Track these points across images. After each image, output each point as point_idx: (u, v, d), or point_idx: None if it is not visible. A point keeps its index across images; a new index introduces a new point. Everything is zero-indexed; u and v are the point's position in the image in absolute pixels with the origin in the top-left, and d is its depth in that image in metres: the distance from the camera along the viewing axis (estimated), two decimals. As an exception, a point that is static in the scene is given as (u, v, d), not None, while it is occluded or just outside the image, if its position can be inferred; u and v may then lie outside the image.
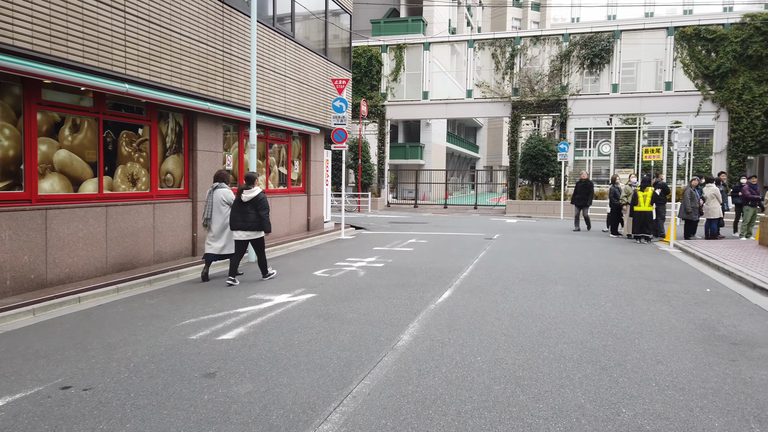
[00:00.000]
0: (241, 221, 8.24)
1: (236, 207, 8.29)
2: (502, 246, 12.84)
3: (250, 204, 8.23)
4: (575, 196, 16.88)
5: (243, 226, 8.25)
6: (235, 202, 8.34)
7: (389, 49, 28.61)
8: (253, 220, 8.25)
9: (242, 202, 8.23)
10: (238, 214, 8.26)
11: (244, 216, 8.23)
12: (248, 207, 8.23)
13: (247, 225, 8.25)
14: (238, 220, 8.26)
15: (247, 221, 8.23)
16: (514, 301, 7.06)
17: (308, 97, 13.92)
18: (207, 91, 9.91)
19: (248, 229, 8.29)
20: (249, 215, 8.23)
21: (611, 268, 9.87)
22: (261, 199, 8.28)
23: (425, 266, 9.84)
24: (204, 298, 7.25)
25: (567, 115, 25.67)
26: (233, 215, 8.31)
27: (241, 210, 8.24)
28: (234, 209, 8.32)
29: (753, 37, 23.06)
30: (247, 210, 8.23)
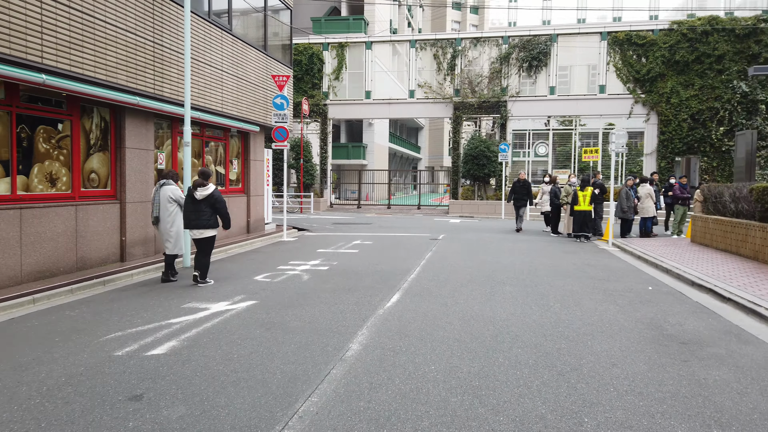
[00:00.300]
0: (195, 220, 7.93)
1: (189, 206, 7.95)
2: (447, 247, 12.72)
3: (204, 202, 7.91)
4: (514, 196, 16.82)
5: (197, 224, 7.94)
6: (188, 201, 7.99)
7: (331, 47, 28.17)
8: (207, 218, 7.95)
9: (196, 200, 7.89)
10: (192, 213, 7.93)
11: (198, 214, 7.92)
12: (202, 205, 7.91)
13: (202, 223, 7.94)
14: (192, 219, 7.94)
15: (200, 219, 7.93)
16: (464, 304, 6.87)
17: (247, 93, 13.34)
18: (136, 84, 9.22)
19: (202, 227, 7.98)
20: (203, 213, 7.93)
21: (556, 268, 9.90)
22: (218, 196, 7.97)
23: (372, 269, 9.54)
24: (132, 308, 6.65)
25: (507, 117, 26.08)
26: (187, 214, 7.98)
27: (196, 208, 7.92)
28: (188, 208, 7.97)
29: (680, 43, 24.17)
30: (202, 208, 7.92)
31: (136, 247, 9.69)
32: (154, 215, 8.37)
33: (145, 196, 9.89)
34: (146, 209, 9.94)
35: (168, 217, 8.35)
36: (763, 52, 23.28)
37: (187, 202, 8.04)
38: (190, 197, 7.98)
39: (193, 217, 7.97)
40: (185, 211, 8.06)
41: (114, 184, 9.36)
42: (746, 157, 12.98)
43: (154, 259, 9.74)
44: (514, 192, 16.81)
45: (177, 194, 8.39)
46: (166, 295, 7.36)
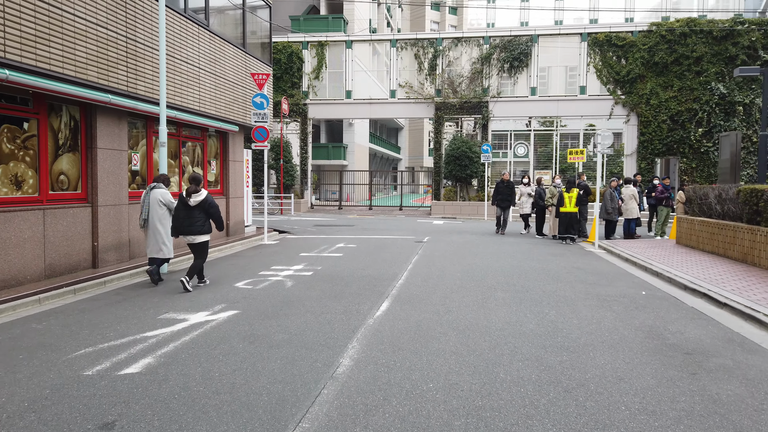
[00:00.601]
0: (189, 226, 7.86)
1: (182, 212, 7.88)
2: (433, 249, 12.45)
3: (198, 208, 7.87)
4: (498, 197, 16.32)
5: (190, 230, 7.87)
6: (180, 207, 7.91)
7: (310, 45, 27.74)
8: (201, 224, 7.91)
9: (189, 206, 7.84)
10: (185, 219, 7.86)
11: (191, 221, 7.86)
12: (196, 211, 7.88)
13: (195, 229, 7.89)
14: (185, 225, 7.87)
15: (194, 225, 7.87)
16: (457, 312, 6.59)
17: (226, 92, 12.89)
18: (108, 81, 8.75)
19: (196, 233, 7.92)
20: (197, 219, 7.88)
21: (545, 272, 9.69)
22: (210, 201, 7.94)
23: (358, 274, 9.21)
24: (105, 319, 6.22)
25: (488, 117, 25.96)
26: (179, 220, 7.89)
27: (189, 215, 7.86)
28: (180, 214, 7.90)
29: (659, 45, 24.32)
30: (195, 214, 7.88)
31: (109, 252, 9.21)
32: (143, 218, 8.25)
33: (118, 199, 9.41)
34: (119, 213, 9.46)
35: (158, 221, 8.20)
36: (740, 53, 23.54)
37: (179, 208, 7.92)
38: (182, 204, 7.86)
39: (186, 224, 7.86)
40: (177, 217, 7.92)
41: (85, 187, 8.87)
42: (731, 159, 12.96)
43: (128, 265, 9.27)
44: (498, 193, 16.28)
45: (167, 198, 8.27)
46: (141, 305, 6.93)
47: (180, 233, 7.97)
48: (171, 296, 7.46)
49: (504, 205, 16.32)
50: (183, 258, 10.61)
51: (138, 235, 10.05)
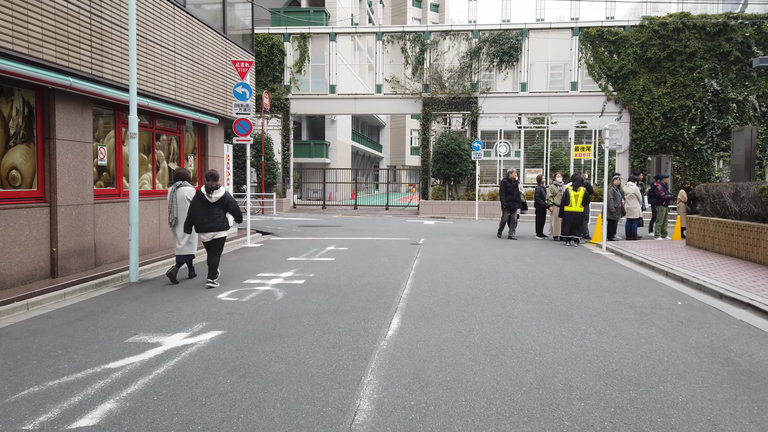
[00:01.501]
0: (209, 222, 7.79)
1: (201, 208, 7.78)
2: (432, 253, 11.49)
3: (218, 204, 7.81)
4: (507, 198, 14.32)
5: (211, 227, 7.82)
6: (198, 204, 7.79)
7: (292, 38, 26.56)
8: (221, 220, 7.89)
9: (208, 203, 7.76)
10: (205, 216, 7.78)
11: (211, 217, 7.80)
12: (216, 207, 7.82)
13: (216, 225, 7.84)
14: (205, 222, 7.79)
15: (215, 222, 7.82)
16: (482, 331, 5.63)
17: (204, 80, 11.75)
18: (69, 62, 7.58)
19: (216, 230, 7.88)
20: (217, 215, 7.84)
21: (561, 278, 8.80)
22: (229, 196, 7.90)
23: (356, 282, 8.20)
24: (61, 344, 5.11)
25: (477, 113, 25.12)
26: (199, 217, 7.78)
27: (208, 211, 7.79)
28: (199, 211, 7.79)
29: (651, 40, 23.74)
30: (215, 210, 7.82)
31: (71, 259, 8.05)
32: (174, 216, 8.24)
33: (81, 198, 8.25)
34: (83, 214, 8.30)
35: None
36: (733, 49, 23.07)
37: (197, 205, 7.80)
38: (200, 201, 7.78)
39: (206, 221, 7.79)
40: (195, 214, 7.80)
41: (42, 184, 7.69)
42: (745, 155, 12.28)
43: (93, 273, 8.11)
44: (507, 193, 14.34)
45: (190, 196, 8.22)
46: (106, 323, 5.82)
47: (199, 230, 7.86)
48: (142, 311, 6.36)
49: (514, 206, 14.59)
50: (156, 264, 9.48)
51: (106, 239, 8.90)
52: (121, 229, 9.27)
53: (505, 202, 14.33)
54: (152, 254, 10.10)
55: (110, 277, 8.26)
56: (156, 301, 6.94)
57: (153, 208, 10.31)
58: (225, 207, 7.90)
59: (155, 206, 10.38)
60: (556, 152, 25.92)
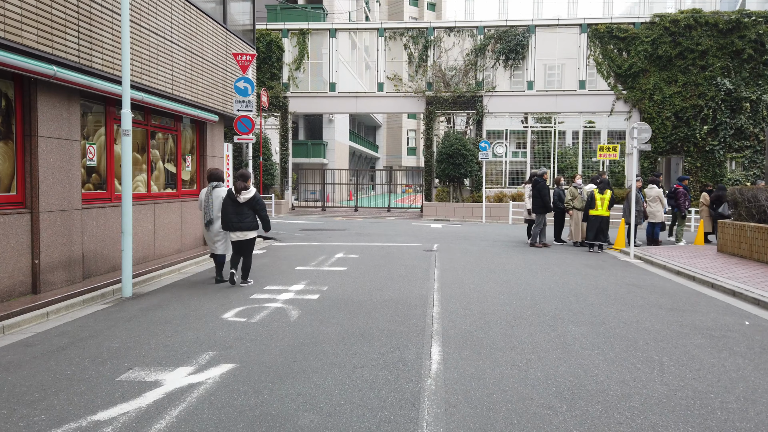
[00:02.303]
0: (238, 222, 7.91)
1: (231, 208, 7.91)
2: (450, 261, 10.63)
3: (246, 204, 7.89)
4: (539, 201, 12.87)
5: (240, 227, 7.93)
6: (229, 203, 7.93)
7: (291, 34, 25.65)
8: (250, 221, 7.96)
9: (238, 203, 7.88)
10: (234, 216, 7.91)
11: (240, 217, 7.90)
12: (245, 207, 7.90)
13: (245, 225, 7.94)
14: (234, 221, 7.92)
15: (243, 222, 7.92)
16: (540, 362, 4.77)
17: (203, 74, 10.83)
18: (52, 48, 6.66)
19: (245, 230, 7.97)
20: (246, 216, 7.92)
21: (602, 291, 7.97)
22: (258, 199, 7.98)
23: (376, 297, 7.32)
24: (38, 383, 4.21)
25: (483, 112, 24.31)
26: (228, 217, 7.93)
27: (238, 211, 7.90)
28: (229, 210, 7.92)
29: (662, 38, 23.02)
30: (244, 210, 7.91)
31: (55, 272, 7.12)
32: (209, 217, 8.29)
33: (68, 203, 7.32)
34: (69, 220, 7.37)
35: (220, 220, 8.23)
36: (746, 47, 22.39)
37: (227, 204, 7.95)
38: (231, 200, 7.91)
39: (235, 220, 7.90)
40: (226, 213, 7.95)
41: (22, 187, 6.76)
42: (782, 156, 11.48)
43: (81, 288, 7.19)
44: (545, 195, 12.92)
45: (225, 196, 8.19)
46: (94, 353, 4.92)
47: (228, 228, 7.97)
48: (137, 336, 5.45)
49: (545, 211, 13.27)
50: (152, 275, 8.57)
51: (96, 248, 7.97)
52: (113, 237, 8.35)
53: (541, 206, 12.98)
54: (147, 264, 9.18)
55: (100, 292, 7.34)
56: (153, 322, 6.04)
57: (148, 213, 9.39)
58: (253, 208, 7.94)
59: (150, 211, 9.46)
60: (564, 153, 25.15)
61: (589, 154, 24.97)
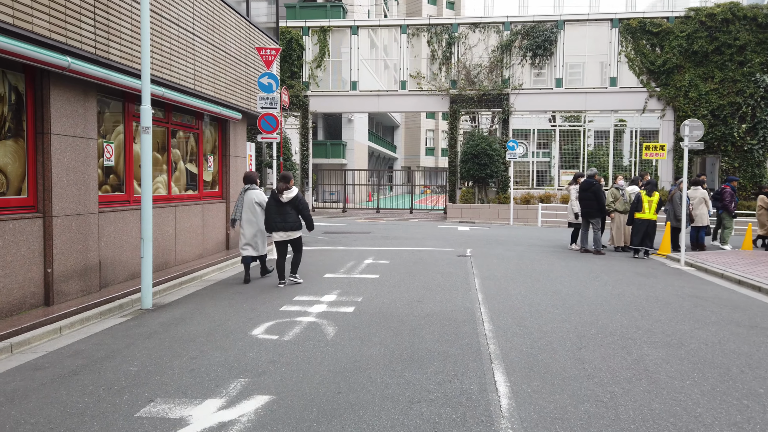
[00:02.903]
0: (282, 222, 7.98)
1: (274, 208, 7.99)
2: (489, 268, 9.92)
3: (289, 204, 7.97)
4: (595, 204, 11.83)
5: (284, 227, 7.99)
6: (272, 203, 8.01)
7: (312, 31, 25.09)
8: (294, 220, 8.03)
9: (282, 202, 7.95)
10: (278, 216, 7.97)
11: (284, 217, 7.97)
12: (288, 207, 7.97)
13: (288, 225, 8.00)
14: (277, 221, 7.98)
15: (287, 222, 7.99)
16: (629, 399, 4.06)
17: (226, 69, 10.26)
18: (66, 38, 6.10)
19: (289, 230, 8.03)
20: (289, 216, 7.99)
21: (663, 304, 7.22)
22: (301, 198, 8.08)
23: (417, 310, 6.65)
24: (45, 419, 3.60)
25: (509, 111, 23.51)
26: (272, 217, 8.00)
27: (281, 211, 7.97)
28: (272, 211, 8.00)
29: (698, 32, 22.04)
30: (287, 210, 7.98)
31: (70, 281, 6.56)
32: (233, 217, 8.53)
33: (83, 206, 6.76)
34: (85, 225, 6.81)
35: (246, 222, 8.44)
36: (788, 42, 21.34)
37: (270, 204, 8.02)
38: (274, 200, 7.97)
39: (279, 220, 7.97)
40: (270, 213, 8.02)
41: (33, 190, 6.21)
42: None
43: (98, 299, 6.62)
44: (599, 199, 11.87)
45: (261, 198, 8.49)
46: (111, 380, 4.31)
47: (271, 229, 8.05)
48: (158, 358, 4.85)
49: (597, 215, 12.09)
50: (172, 283, 8.00)
51: (113, 254, 7.41)
52: (132, 242, 7.79)
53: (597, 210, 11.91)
54: (167, 270, 8.62)
55: (118, 303, 6.77)
56: (175, 339, 5.43)
57: (168, 217, 8.83)
58: (296, 208, 7.98)
59: (171, 214, 8.89)
60: (594, 153, 24.25)
61: (619, 154, 24.06)
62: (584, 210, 11.91)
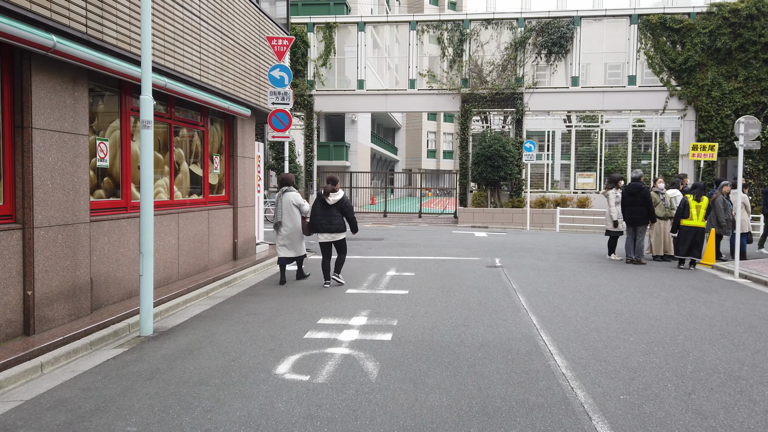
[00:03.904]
0: (327, 224, 8.07)
1: (320, 210, 8.10)
2: (528, 282, 8.90)
3: (336, 207, 8.06)
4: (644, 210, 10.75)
5: (329, 228, 8.09)
6: (318, 205, 8.13)
7: (317, 28, 24.09)
8: (339, 222, 8.11)
9: (328, 204, 8.05)
10: (323, 217, 8.08)
11: (330, 219, 8.06)
12: (334, 210, 8.06)
13: (333, 227, 8.09)
14: (323, 223, 8.08)
15: (333, 224, 8.07)
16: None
17: (235, 59, 9.23)
18: (52, 12, 5.06)
19: (334, 231, 8.12)
20: (335, 218, 8.08)
21: (748, 328, 6.21)
22: (347, 201, 8.16)
23: (468, 338, 5.61)
24: None
25: (523, 111, 22.53)
26: (317, 218, 8.11)
27: (326, 213, 8.07)
28: (317, 212, 8.12)
29: (721, 29, 21.11)
30: (333, 213, 8.07)
31: (55, 305, 5.50)
32: (278, 220, 8.45)
33: (72, 215, 5.72)
34: (74, 237, 5.76)
35: (294, 225, 8.43)
36: (815, 39, 20.42)
37: (316, 206, 8.13)
38: (320, 202, 8.07)
39: (324, 222, 8.06)
40: (315, 215, 8.13)
41: (10, 195, 5.15)
42: None
43: (89, 324, 5.58)
44: (648, 204, 10.84)
45: (299, 200, 8.49)
46: (100, 450, 3.26)
47: (317, 230, 8.12)
48: (163, 409, 3.80)
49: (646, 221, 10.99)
50: (176, 302, 6.96)
51: (108, 270, 6.36)
52: (129, 255, 6.74)
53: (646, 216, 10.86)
54: (170, 286, 7.57)
55: (113, 329, 5.73)
56: (183, 381, 4.39)
57: (171, 225, 7.78)
58: (342, 210, 8.07)
59: (173, 222, 7.84)
60: (612, 154, 23.27)
61: (638, 156, 23.11)
62: (630, 217, 10.85)
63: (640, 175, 11.14)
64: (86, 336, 5.42)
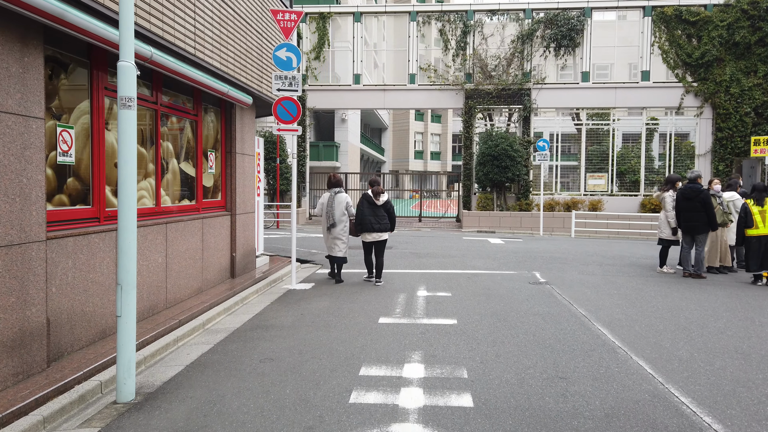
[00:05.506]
0: (377, 224, 8.26)
1: (369, 210, 8.27)
2: (593, 305, 7.38)
3: (383, 207, 8.29)
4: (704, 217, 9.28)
5: (378, 228, 8.27)
6: (366, 206, 8.29)
7: (309, 18, 22.42)
8: (385, 222, 8.32)
9: (377, 205, 8.26)
10: (373, 217, 8.25)
11: (378, 219, 8.26)
12: (382, 210, 8.29)
13: (381, 227, 8.29)
14: (373, 222, 8.25)
15: (381, 223, 8.27)
16: None
17: (235, 33, 7.55)
18: (-18, -72, 3.37)
19: (381, 231, 8.31)
20: (382, 218, 8.29)
21: None
22: (391, 202, 8.42)
23: (580, 403, 4.04)
24: None
25: (531, 108, 21.13)
26: (366, 218, 8.24)
27: (375, 213, 8.27)
28: (368, 213, 8.26)
29: (740, 22, 19.98)
30: (381, 213, 8.28)
31: (-7, 360, 3.80)
32: (332, 221, 8.41)
33: (18, 232, 4.01)
34: (22, 262, 4.05)
35: (344, 225, 8.45)
36: (839, 33, 19.39)
37: (365, 206, 8.28)
38: (368, 203, 8.27)
39: (374, 221, 8.24)
40: (364, 215, 8.25)
41: None
42: None
43: (45, 387, 3.89)
44: (708, 209, 9.34)
45: (350, 201, 8.55)
46: None
47: (366, 230, 8.26)
48: None
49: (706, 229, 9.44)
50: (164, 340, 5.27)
51: (71, 304, 4.65)
52: (102, 281, 5.03)
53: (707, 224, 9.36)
54: (156, 318, 5.87)
55: (78, 392, 4.04)
56: None
57: (157, 239, 6.08)
58: (388, 211, 8.29)
59: (160, 235, 6.14)
60: (624, 154, 21.98)
61: (651, 156, 21.86)
62: (688, 224, 9.40)
63: (698, 176, 9.70)
64: (37, 408, 3.73)
